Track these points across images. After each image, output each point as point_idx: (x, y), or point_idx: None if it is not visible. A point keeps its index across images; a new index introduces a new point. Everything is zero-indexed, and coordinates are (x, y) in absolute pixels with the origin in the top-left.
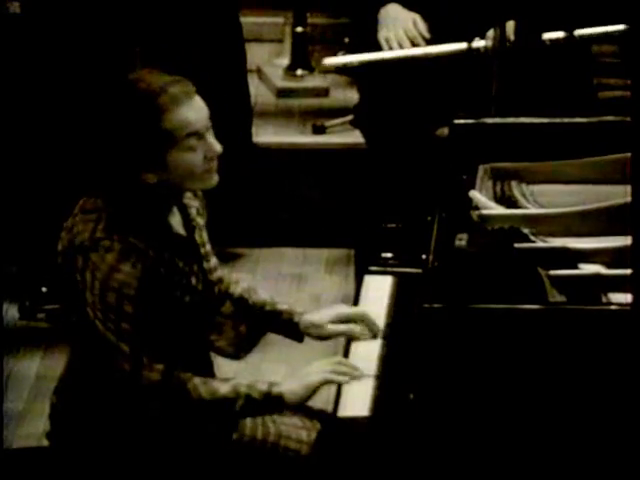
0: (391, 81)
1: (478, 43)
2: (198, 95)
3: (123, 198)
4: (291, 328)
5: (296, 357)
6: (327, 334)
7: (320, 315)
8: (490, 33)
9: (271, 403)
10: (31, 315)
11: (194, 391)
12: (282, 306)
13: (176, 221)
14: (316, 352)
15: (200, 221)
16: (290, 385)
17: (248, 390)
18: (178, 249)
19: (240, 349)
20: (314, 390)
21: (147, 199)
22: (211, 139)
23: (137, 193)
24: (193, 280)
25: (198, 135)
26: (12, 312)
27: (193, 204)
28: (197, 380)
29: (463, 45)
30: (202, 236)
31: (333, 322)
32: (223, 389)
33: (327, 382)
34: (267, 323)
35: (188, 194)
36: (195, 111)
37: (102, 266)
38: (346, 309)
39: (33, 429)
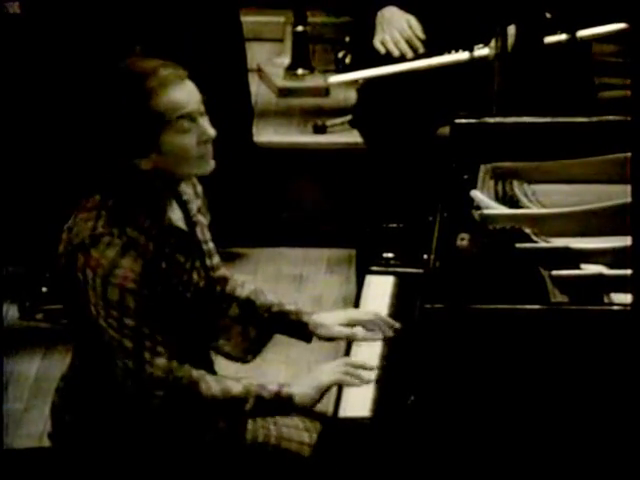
0: (391, 81)
1: (480, 52)
2: (190, 80)
3: (120, 188)
4: (300, 328)
5: (296, 358)
6: (334, 335)
7: (330, 316)
8: (492, 44)
9: (281, 404)
10: (31, 315)
11: (206, 389)
12: (290, 307)
13: (177, 217)
14: (317, 353)
15: (202, 219)
16: (301, 386)
17: (259, 390)
18: (179, 243)
19: (248, 352)
20: (324, 391)
21: (144, 189)
22: (204, 123)
23: (134, 182)
24: (195, 276)
25: (190, 118)
26: (12, 312)
27: (194, 202)
28: (209, 378)
29: (465, 55)
30: (204, 233)
31: (342, 324)
32: (235, 388)
33: (338, 383)
34: (275, 325)
35: (188, 191)
36: (186, 94)
37: (103, 262)
38: (358, 313)
39: (33, 429)
